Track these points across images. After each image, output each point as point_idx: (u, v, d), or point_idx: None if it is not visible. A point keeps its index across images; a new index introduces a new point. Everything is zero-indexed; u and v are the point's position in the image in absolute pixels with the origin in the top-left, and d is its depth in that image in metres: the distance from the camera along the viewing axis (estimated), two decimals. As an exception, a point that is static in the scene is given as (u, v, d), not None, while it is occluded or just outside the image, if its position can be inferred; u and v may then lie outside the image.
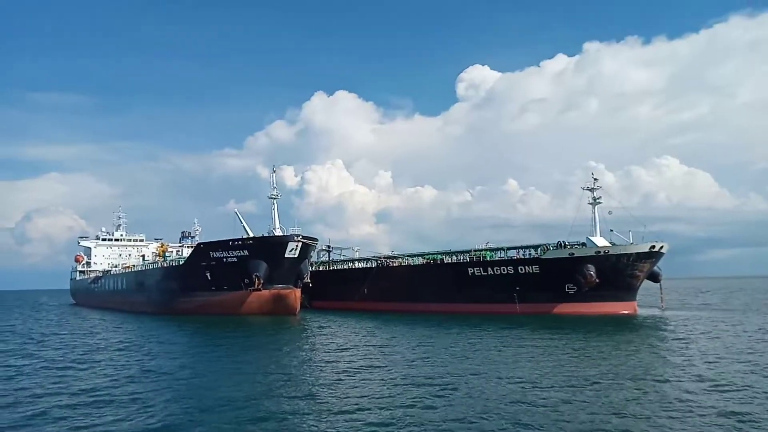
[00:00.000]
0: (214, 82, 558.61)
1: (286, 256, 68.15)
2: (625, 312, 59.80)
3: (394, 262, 78.32)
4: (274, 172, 76.91)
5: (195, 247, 79.50)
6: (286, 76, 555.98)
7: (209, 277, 71.88)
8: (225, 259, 70.50)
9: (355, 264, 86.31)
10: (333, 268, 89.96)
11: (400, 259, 79.19)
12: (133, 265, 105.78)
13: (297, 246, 68.34)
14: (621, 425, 17.09)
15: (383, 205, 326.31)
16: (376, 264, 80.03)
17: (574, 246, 62.14)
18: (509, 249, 68.25)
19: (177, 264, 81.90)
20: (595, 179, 66.01)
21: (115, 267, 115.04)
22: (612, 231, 63.27)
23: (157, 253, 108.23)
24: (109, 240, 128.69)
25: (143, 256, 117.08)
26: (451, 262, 71.79)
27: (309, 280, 74.63)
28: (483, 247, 71.35)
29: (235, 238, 71.09)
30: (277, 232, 72.37)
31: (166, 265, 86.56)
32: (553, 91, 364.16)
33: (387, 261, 79.17)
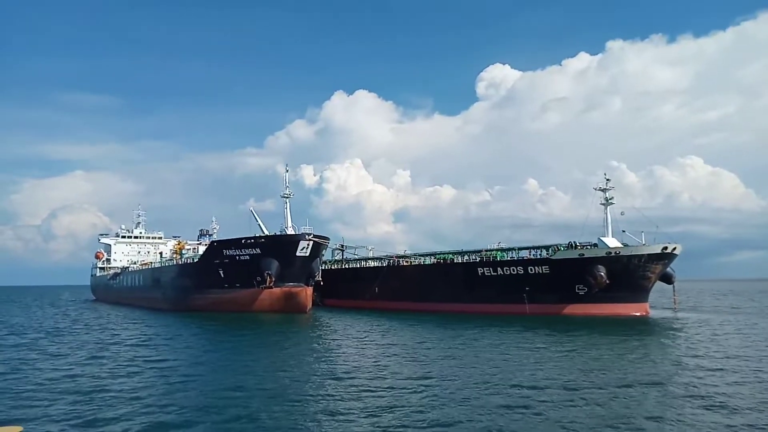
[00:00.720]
0: (237, 83, 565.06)
1: (298, 254, 68.93)
2: (636, 313, 59.23)
3: (405, 262, 78.65)
4: (287, 171, 77.96)
5: (209, 245, 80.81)
6: (307, 75, 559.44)
7: (222, 275, 73.02)
8: (238, 257, 71.56)
9: (367, 263, 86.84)
10: (345, 266, 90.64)
11: (411, 259, 79.47)
12: (151, 262, 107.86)
13: (308, 245, 69.09)
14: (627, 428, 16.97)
15: (401, 204, 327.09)
16: (387, 263, 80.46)
17: (585, 247, 61.64)
18: (520, 249, 67.96)
19: (192, 261, 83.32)
20: (607, 179, 65.51)
21: (133, 264, 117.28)
22: (624, 232, 62.78)
23: (174, 250, 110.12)
24: (128, 237, 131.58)
25: (161, 254, 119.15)
26: (461, 262, 71.83)
27: (320, 279, 75.56)
28: (494, 247, 71.35)
29: (247, 236, 72.15)
30: (290, 231, 73.21)
31: (182, 262, 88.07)
32: (575, 90, 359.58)
33: (398, 260, 79.55)
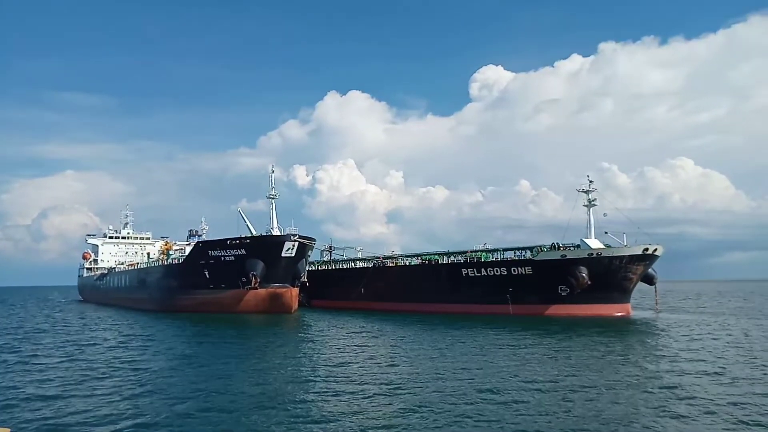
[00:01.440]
0: (230, 83, 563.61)
1: (283, 255, 68.97)
2: (618, 314, 59.79)
3: (390, 263, 78.90)
4: (273, 171, 77.81)
5: (194, 245, 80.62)
6: (300, 76, 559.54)
7: (208, 276, 72.89)
8: (223, 258, 71.49)
9: (354, 264, 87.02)
10: (332, 267, 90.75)
11: (396, 260, 79.74)
12: (138, 263, 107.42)
13: (294, 245, 69.15)
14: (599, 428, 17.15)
15: (394, 204, 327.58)
16: (373, 264, 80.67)
17: (568, 248, 62.18)
18: (505, 250, 68.41)
19: (177, 262, 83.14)
20: (590, 181, 66.02)
21: (121, 264, 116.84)
22: (606, 233, 63.34)
23: (161, 251, 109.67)
24: (116, 238, 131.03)
25: (148, 254, 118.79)
26: (446, 263, 72.18)
27: (306, 280, 75.64)
28: (480, 248, 71.77)
29: (233, 237, 72.08)
30: (275, 232, 73.19)
31: (168, 263, 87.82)
32: (567, 92, 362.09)
33: (384, 261, 79.79)
